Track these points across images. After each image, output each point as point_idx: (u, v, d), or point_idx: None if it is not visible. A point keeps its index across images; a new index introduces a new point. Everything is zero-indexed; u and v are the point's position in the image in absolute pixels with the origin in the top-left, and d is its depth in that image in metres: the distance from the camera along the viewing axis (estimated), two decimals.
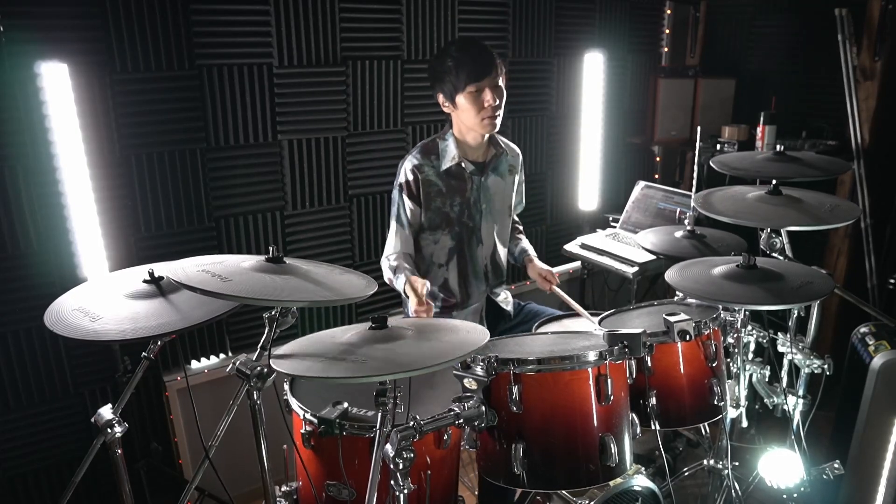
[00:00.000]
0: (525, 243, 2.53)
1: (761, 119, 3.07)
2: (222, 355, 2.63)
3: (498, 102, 2.13)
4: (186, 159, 2.40)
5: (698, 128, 2.43)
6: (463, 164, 2.23)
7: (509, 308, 2.42)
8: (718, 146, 3.28)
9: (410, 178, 2.20)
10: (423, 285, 1.99)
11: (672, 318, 1.65)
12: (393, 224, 2.26)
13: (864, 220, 3.08)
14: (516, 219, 2.56)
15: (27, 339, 2.25)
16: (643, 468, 1.79)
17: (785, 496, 2.04)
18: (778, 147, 2.17)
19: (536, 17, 3.17)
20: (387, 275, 2.24)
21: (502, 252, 2.42)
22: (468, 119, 2.16)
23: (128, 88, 2.25)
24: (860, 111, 3.06)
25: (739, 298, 1.70)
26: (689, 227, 2.34)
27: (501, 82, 2.16)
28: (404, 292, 2.11)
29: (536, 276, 2.40)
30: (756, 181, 2.23)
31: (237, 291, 1.27)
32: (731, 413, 1.89)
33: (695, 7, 3.63)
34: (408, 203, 2.21)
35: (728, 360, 1.90)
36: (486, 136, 2.25)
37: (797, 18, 3.39)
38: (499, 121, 2.18)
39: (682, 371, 1.76)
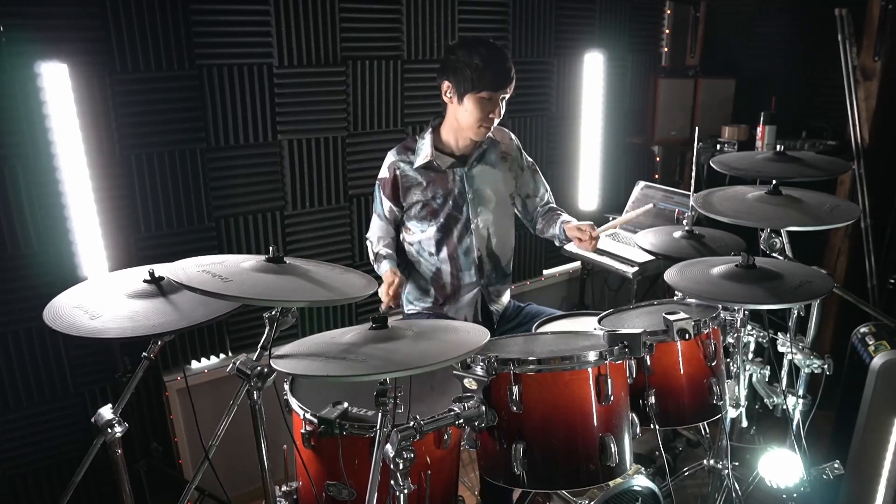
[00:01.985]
0: (565, 216, 2.42)
1: (761, 119, 3.07)
2: (222, 355, 2.63)
3: (500, 117, 2.18)
4: (186, 159, 2.40)
5: (697, 127, 2.43)
6: (436, 163, 2.24)
7: (506, 307, 2.41)
8: (718, 146, 3.28)
9: (387, 175, 2.26)
10: (396, 286, 2.10)
11: (671, 317, 1.65)
12: (374, 214, 2.36)
13: (864, 220, 3.08)
14: (550, 199, 2.50)
15: (27, 338, 2.25)
16: (643, 468, 1.79)
17: (785, 496, 2.04)
18: (778, 147, 2.17)
19: (536, 17, 3.17)
20: (370, 255, 2.35)
21: (501, 243, 2.38)
22: (465, 120, 2.17)
23: (128, 88, 2.25)
24: (860, 111, 3.06)
25: (739, 298, 1.70)
26: (687, 228, 2.34)
27: (505, 99, 2.19)
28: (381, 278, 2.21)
29: (574, 235, 2.28)
30: (756, 181, 2.23)
31: (237, 292, 1.27)
32: (731, 413, 1.90)
33: (695, 7, 3.63)
34: (384, 200, 2.29)
35: (728, 359, 1.90)
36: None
37: (797, 18, 3.39)
38: (489, 132, 2.22)
39: (682, 371, 1.76)
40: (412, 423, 1.39)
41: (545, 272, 3.55)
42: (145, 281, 1.55)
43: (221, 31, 2.38)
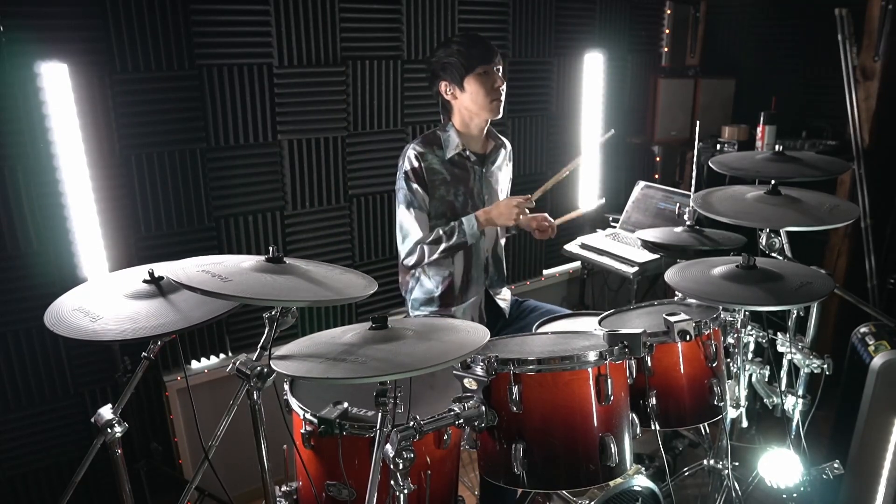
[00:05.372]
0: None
1: (761, 119, 3.08)
2: (222, 355, 2.63)
3: (504, 86, 2.19)
4: (186, 159, 2.40)
5: (697, 127, 2.43)
6: (466, 153, 2.24)
7: (506, 306, 2.42)
8: (718, 146, 3.28)
9: (416, 164, 2.19)
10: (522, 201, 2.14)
11: (672, 318, 1.65)
12: (409, 212, 2.20)
13: (864, 220, 3.08)
14: None
15: (27, 339, 2.25)
16: (643, 468, 1.79)
17: (785, 496, 2.04)
18: (777, 147, 2.17)
19: (536, 17, 3.17)
20: (429, 255, 2.20)
21: (502, 246, 2.42)
22: (476, 102, 2.17)
23: (128, 88, 2.25)
24: (860, 111, 3.06)
25: (739, 299, 1.70)
26: (689, 223, 2.34)
27: (502, 73, 2.20)
28: (475, 229, 2.18)
29: (530, 224, 2.36)
30: (756, 181, 2.23)
31: (237, 291, 1.27)
32: (731, 413, 1.89)
33: (695, 7, 3.63)
34: (418, 189, 2.20)
35: (728, 360, 1.90)
36: (487, 125, 2.28)
37: (797, 18, 3.39)
38: (503, 105, 2.21)
39: (682, 371, 1.76)
40: (412, 423, 1.39)
41: (545, 272, 3.55)
42: (145, 281, 1.55)
43: (221, 31, 2.38)
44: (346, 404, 1.56)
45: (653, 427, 1.71)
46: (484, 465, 1.61)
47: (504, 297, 2.45)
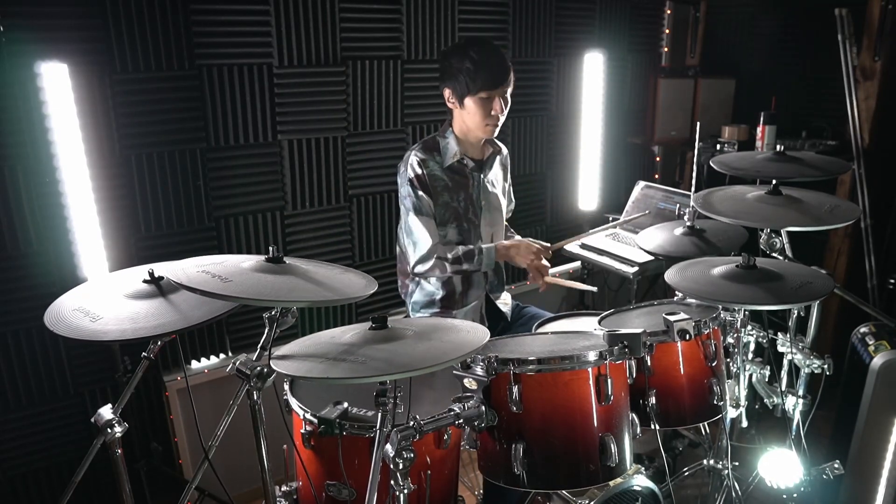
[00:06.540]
0: (517, 238, 2.51)
1: (761, 119, 3.07)
2: (222, 355, 2.63)
3: (504, 112, 2.17)
4: (186, 159, 2.40)
5: (698, 126, 2.43)
6: (464, 161, 2.24)
7: (508, 310, 2.42)
8: (718, 146, 3.28)
9: (419, 171, 2.18)
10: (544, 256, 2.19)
11: (672, 318, 1.65)
12: (418, 218, 2.18)
13: (864, 220, 3.08)
14: (510, 212, 2.57)
15: (27, 339, 2.25)
16: (643, 468, 1.79)
17: (785, 496, 2.04)
18: (778, 147, 2.17)
19: (536, 17, 3.17)
20: (449, 270, 2.18)
21: None
22: (471, 121, 2.18)
23: (128, 88, 2.25)
24: (860, 111, 3.06)
25: (739, 299, 1.70)
26: (689, 224, 2.33)
27: (510, 92, 2.19)
28: (493, 260, 2.19)
29: (535, 271, 2.38)
30: (756, 181, 2.23)
31: (237, 292, 1.27)
32: (731, 413, 1.90)
33: (695, 7, 3.63)
34: (423, 196, 2.19)
35: (728, 359, 1.90)
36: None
37: (797, 18, 3.39)
38: (498, 128, 2.21)
39: (682, 371, 1.76)
40: (412, 423, 1.39)
41: None
42: (145, 281, 1.55)
43: (221, 31, 2.38)
44: (346, 404, 1.56)
45: (653, 427, 1.71)
46: (484, 465, 1.61)
47: (505, 301, 2.45)
